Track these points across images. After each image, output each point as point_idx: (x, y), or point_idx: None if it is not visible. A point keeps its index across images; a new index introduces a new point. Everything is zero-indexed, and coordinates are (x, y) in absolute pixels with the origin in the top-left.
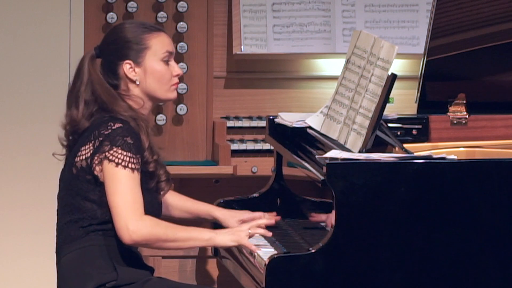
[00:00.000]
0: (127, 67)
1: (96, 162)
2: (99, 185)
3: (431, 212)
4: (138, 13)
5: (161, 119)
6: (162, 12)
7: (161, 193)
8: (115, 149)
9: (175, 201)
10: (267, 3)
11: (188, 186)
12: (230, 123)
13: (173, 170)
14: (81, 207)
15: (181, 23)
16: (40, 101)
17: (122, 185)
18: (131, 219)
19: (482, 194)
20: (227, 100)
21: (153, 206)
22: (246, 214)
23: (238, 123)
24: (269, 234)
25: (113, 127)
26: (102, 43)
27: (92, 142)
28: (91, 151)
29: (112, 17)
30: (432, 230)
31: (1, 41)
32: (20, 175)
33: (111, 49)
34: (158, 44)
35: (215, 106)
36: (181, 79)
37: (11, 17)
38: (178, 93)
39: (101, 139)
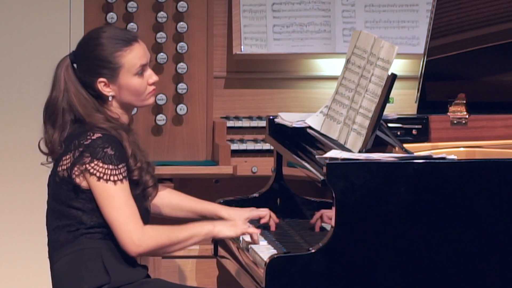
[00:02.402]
0: (101, 85)
1: (77, 173)
2: (81, 193)
3: (431, 212)
4: (138, 13)
5: (161, 119)
6: (162, 12)
7: (149, 198)
8: (96, 162)
9: (179, 201)
10: (267, 3)
11: (188, 186)
12: (230, 123)
13: (173, 170)
14: (67, 213)
15: (181, 23)
16: (40, 101)
17: (114, 200)
18: (134, 233)
19: (482, 194)
20: (227, 100)
21: (140, 213)
22: (252, 211)
23: (238, 123)
24: (258, 231)
25: (93, 137)
26: (76, 52)
27: (72, 152)
28: (71, 162)
29: (112, 17)
30: (432, 230)
31: (1, 41)
32: (18, 175)
33: (85, 64)
34: (131, 60)
35: (215, 106)
36: (181, 79)
37: (11, 17)
38: (178, 93)
39: (81, 149)
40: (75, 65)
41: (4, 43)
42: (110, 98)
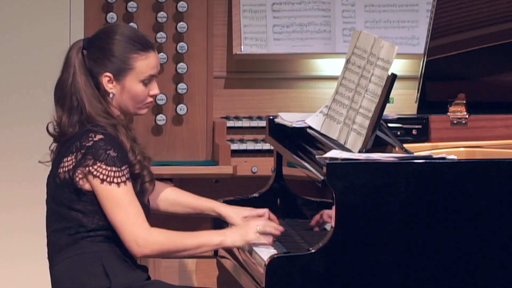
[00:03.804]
0: (106, 79)
1: (80, 176)
2: (82, 195)
3: (431, 212)
4: (138, 13)
5: (161, 119)
6: (162, 12)
7: (146, 194)
8: (99, 164)
9: (177, 197)
10: (267, 3)
11: (188, 186)
12: (230, 123)
13: (173, 170)
14: (67, 215)
15: (181, 23)
16: (39, 101)
17: (118, 202)
18: (139, 234)
19: (482, 194)
20: (227, 100)
21: None
22: (250, 211)
23: (238, 123)
24: (278, 232)
25: (95, 139)
26: (92, 40)
27: (74, 154)
28: (73, 164)
29: (112, 17)
30: (432, 230)
31: (1, 41)
32: (18, 175)
33: (97, 54)
34: (143, 67)
35: (215, 106)
36: (181, 79)
37: (11, 17)
38: (178, 93)
39: (83, 151)
40: (85, 52)
41: (4, 43)
42: (111, 95)
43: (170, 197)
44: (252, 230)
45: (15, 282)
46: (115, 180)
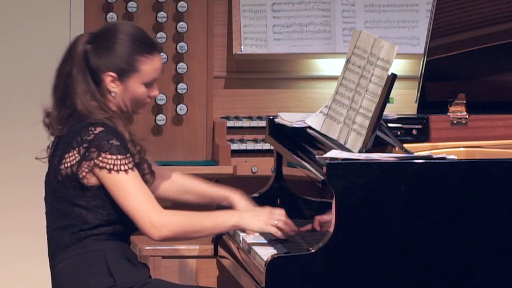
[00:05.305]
0: (108, 78)
1: (86, 170)
2: (86, 191)
3: (431, 212)
4: (138, 13)
5: (161, 119)
6: (162, 12)
7: (148, 185)
8: (104, 155)
9: (189, 184)
10: (267, 3)
11: None
12: (230, 123)
13: (173, 170)
14: (70, 212)
15: (181, 23)
16: (39, 101)
17: (129, 188)
18: (154, 216)
19: (482, 194)
20: (227, 100)
21: None
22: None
23: (238, 123)
24: (293, 233)
25: (95, 132)
26: (98, 35)
27: (77, 149)
28: (77, 159)
29: (112, 17)
30: (432, 230)
31: (1, 41)
32: (19, 175)
33: (102, 51)
34: (148, 70)
35: (215, 106)
36: (181, 79)
37: (11, 17)
38: (178, 93)
39: (86, 145)
40: (89, 46)
41: (4, 43)
42: (112, 94)
43: (181, 184)
44: (270, 220)
45: (14, 278)
46: (122, 167)
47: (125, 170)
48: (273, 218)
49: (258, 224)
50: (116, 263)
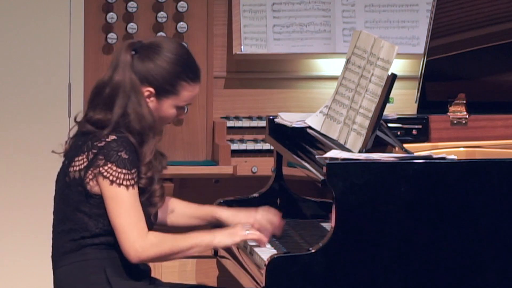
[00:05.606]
0: (146, 92)
1: (90, 176)
2: (90, 198)
3: (431, 212)
4: (138, 13)
5: None
6: (162, 12)
7: (154, 207)
8: (109, 165)
9: (182, 208)
10: (267, 3)
11: (188, 186)
12: (230, 123)
13: (173, 170)
14: (73, 217)
15: (181, 23)
16: (40, 101)
17: (124, 205)
18: (137, 240)
19: (482, 194)
20: (227, 100)
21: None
22: (246, 215)
23: (238, 123)
24: (263, 245)
25: (107, 139)
26: (146, 48)
27: (86, 153)
28: (85, 164)
29: (112, 17)
30: (432, 230)
31: (1, 41)
32: (19, 175)
33: (146, 66)
34: (186, 96)
35: (215, 106)
36: None
37: (11, 17)
38: None
39: (95, 151)
40: (134, 54)
41: (4, 43)
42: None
43: (176, 210)
44: (240, 232)
45: (17, 279)
46: (124, 182)
47: (126, 186)
48: (243, 230)
49: (228, 239)
50: (115, 273)
